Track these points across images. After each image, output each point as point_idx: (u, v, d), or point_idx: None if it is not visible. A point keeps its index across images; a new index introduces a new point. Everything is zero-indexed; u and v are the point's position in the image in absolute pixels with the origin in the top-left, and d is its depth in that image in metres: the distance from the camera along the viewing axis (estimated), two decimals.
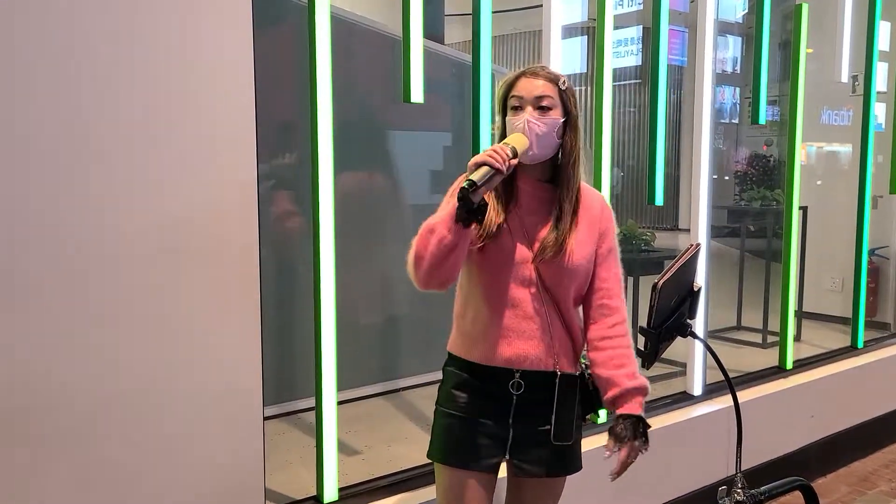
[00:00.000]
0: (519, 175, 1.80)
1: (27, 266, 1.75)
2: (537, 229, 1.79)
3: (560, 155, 1.80)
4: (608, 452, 1.77)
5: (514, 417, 1.81)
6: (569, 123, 1.79)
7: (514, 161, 1.68)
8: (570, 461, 1.88)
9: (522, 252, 1.77)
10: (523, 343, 1.78)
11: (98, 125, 1.82)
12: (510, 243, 1.77)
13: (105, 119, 1.82)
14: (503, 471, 1.90)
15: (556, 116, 1.76)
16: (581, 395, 1.86)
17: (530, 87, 1.76)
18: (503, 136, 1.80)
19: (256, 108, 2.03)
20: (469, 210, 1.61)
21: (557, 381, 1.80)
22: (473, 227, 1.67)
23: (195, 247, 1.97)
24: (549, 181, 1.82)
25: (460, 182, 1.78)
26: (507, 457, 1.83)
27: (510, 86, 1.79)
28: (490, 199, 1.76)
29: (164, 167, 1.91)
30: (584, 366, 1.88)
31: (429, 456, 1.90)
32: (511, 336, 1.78)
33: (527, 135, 1.73)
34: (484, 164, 1.62)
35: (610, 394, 1.78)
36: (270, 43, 3.05)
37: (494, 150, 1.64)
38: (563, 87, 1.78)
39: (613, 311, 1.83)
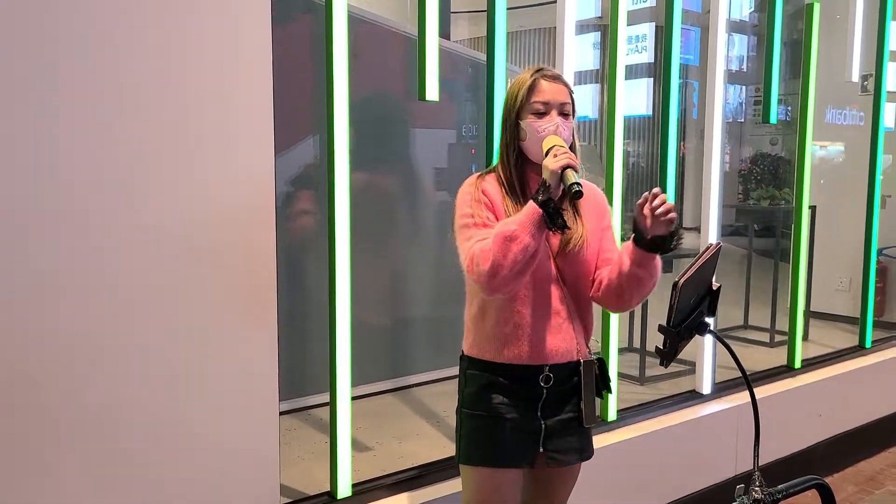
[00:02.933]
0: (528, 173, 1.85)
1: (51, 265, 1.75)
2: None
3: None
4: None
5: (542, 410, 1.85)
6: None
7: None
8: (590, 445, 1.95)
9: (542, 249, 1.77)
10: (553, 337, 1.82)
11: (115, 126, 1.82)
12: None
13: (122, 120, 1.83)
14: None
15: (572, 121, 1.83)
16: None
17: (555, 93, 1.80)
18: (515, 135, 1.82)
19: (274, 106, 2.04)
20: (558, 216, 1.67)
21: (582, 368, 1.85)
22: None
23: (213, 244, 1.97)
24: None
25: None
26: (541, 449, 1.85)
27: (531, 89, 1.80)
28: (508, 202, 1.80)
29: (184, 166, 1.92)
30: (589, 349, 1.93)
31: (461, 460, 1.90)
32: (543, 332, 1.81)
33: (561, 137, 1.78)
34: (569, 166, 1.67)
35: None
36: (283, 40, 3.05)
37: (567, 153, 1.69)
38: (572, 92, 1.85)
39: None
